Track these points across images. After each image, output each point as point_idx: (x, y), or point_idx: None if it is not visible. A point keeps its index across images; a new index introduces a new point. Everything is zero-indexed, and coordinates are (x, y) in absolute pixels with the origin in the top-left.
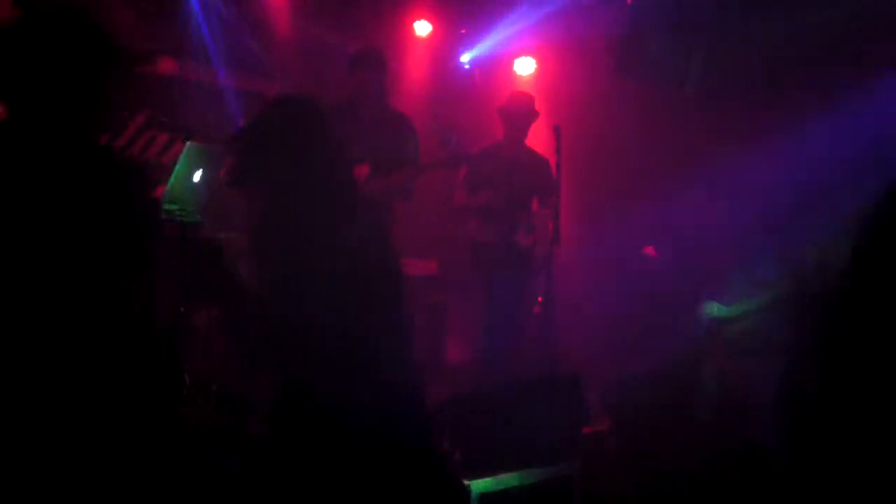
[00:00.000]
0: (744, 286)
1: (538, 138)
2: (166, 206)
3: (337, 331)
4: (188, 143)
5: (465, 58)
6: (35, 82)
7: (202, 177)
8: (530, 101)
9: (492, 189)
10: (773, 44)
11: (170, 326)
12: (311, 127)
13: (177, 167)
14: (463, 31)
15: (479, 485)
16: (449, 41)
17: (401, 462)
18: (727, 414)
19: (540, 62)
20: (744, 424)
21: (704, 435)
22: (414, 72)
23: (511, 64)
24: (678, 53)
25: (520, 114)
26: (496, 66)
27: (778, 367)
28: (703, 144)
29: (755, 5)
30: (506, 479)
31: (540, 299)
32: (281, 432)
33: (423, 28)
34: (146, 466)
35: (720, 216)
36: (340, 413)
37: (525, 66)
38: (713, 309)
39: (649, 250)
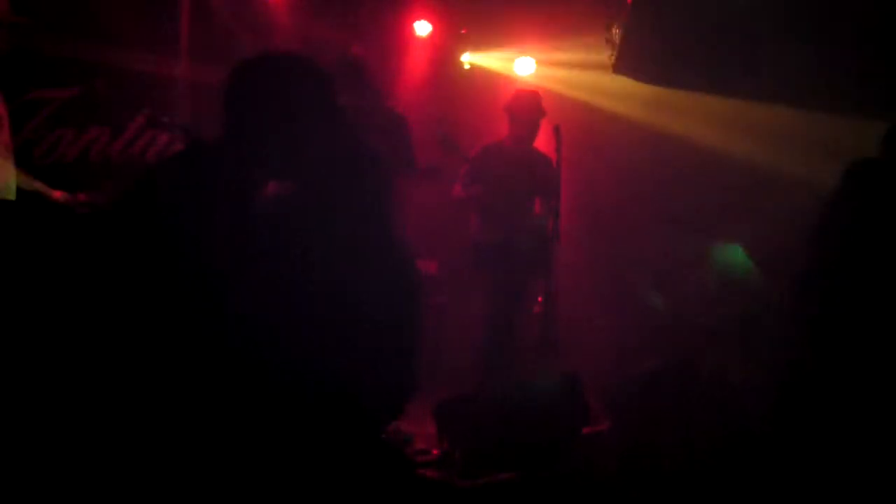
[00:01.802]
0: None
1: (538, 138)
2: None
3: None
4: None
5: (466, 58)
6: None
7: None
8: (536, 98)
9: (485, 187)
10: None
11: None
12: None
13: None
14: (463, 31)
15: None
16: (449, 41)
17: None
18: (727, 412)
19: (540, 62)
20: (744, 422)
21: (704, 434)
22: (414, 72)
23: (511, 64)
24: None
25: (524, 111)
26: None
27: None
28: (706, 142)
29: None
30: (506, 480)
31: (540, 299)
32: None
33: (423, 28)
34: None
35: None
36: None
37: (525, 66)
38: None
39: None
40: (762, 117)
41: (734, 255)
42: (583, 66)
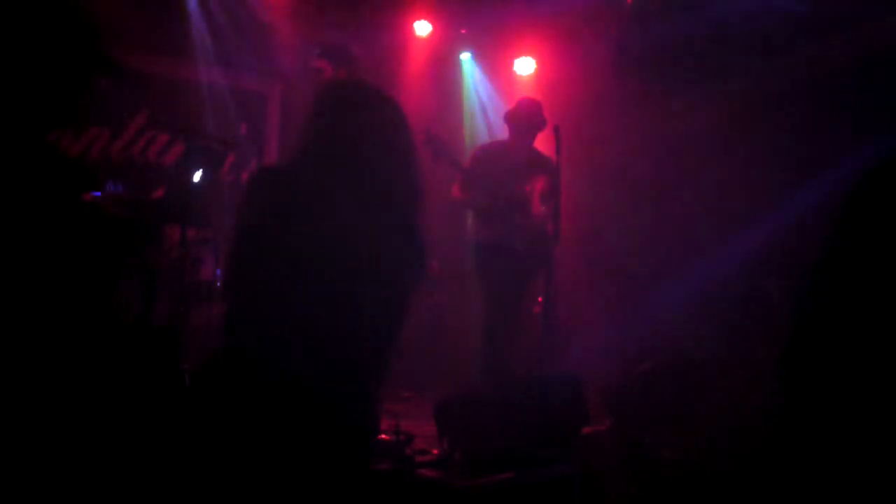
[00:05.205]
0: None
1: (538, 138)
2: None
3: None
4: (188, 144)
5: (465, 58)
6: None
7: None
8: (538, 108)
9: (483, 188)
10: None
11: (170, 326)
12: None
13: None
14: (463, 32)
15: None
16: (449, 41)
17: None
18: (726, 412)
19: (540, 62)
20: (744, 421)
21: (705, 434)
22: (414, 72)
23: (511, 64)
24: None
25: (526, 121)
26: (496, 66)
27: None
28: (706, 142)
29: None
30: (505, 480)
31: (540, 299)
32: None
33: (423, 28)
34: (146, 464)
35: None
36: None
37: (525, 66)
38: None
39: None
40: (762, 120)
41: None
42: (583, 65)
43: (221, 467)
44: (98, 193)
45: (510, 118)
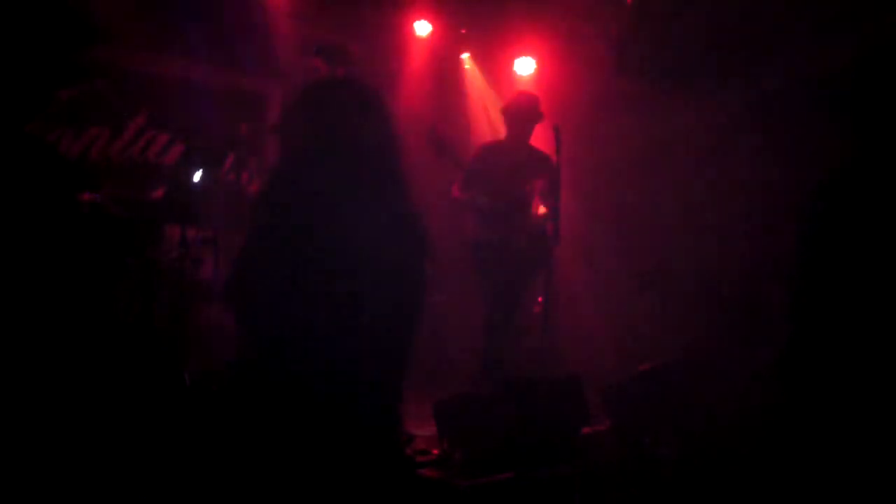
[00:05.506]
0: None
1: (538, 138)
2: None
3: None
4: (188, 144)
5: (465, 58)
6: None
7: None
8: (535, 101)
9: (484, 188)
10: None
11: (170, 326)
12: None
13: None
14: (463, 32)
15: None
16: (449, 41)
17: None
18: (725, 411)
19: (540, 62)
20: (743, 421)
21: (705, 434)
22: (414, 72)
23: (511, 64)
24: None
25: (523, 114)
26: (496, 66)
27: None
28: (705, 143)
29: None
30: (505, 480)
31: (540, 299)
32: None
33: (423, 28)
34: (147, 464)
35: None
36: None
37: (525, 66)
38: None
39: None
40: (762, 120)
41: None
42: (583, 65)
43: (231, 467)
44: (98, 193)
45: (507, 112)
